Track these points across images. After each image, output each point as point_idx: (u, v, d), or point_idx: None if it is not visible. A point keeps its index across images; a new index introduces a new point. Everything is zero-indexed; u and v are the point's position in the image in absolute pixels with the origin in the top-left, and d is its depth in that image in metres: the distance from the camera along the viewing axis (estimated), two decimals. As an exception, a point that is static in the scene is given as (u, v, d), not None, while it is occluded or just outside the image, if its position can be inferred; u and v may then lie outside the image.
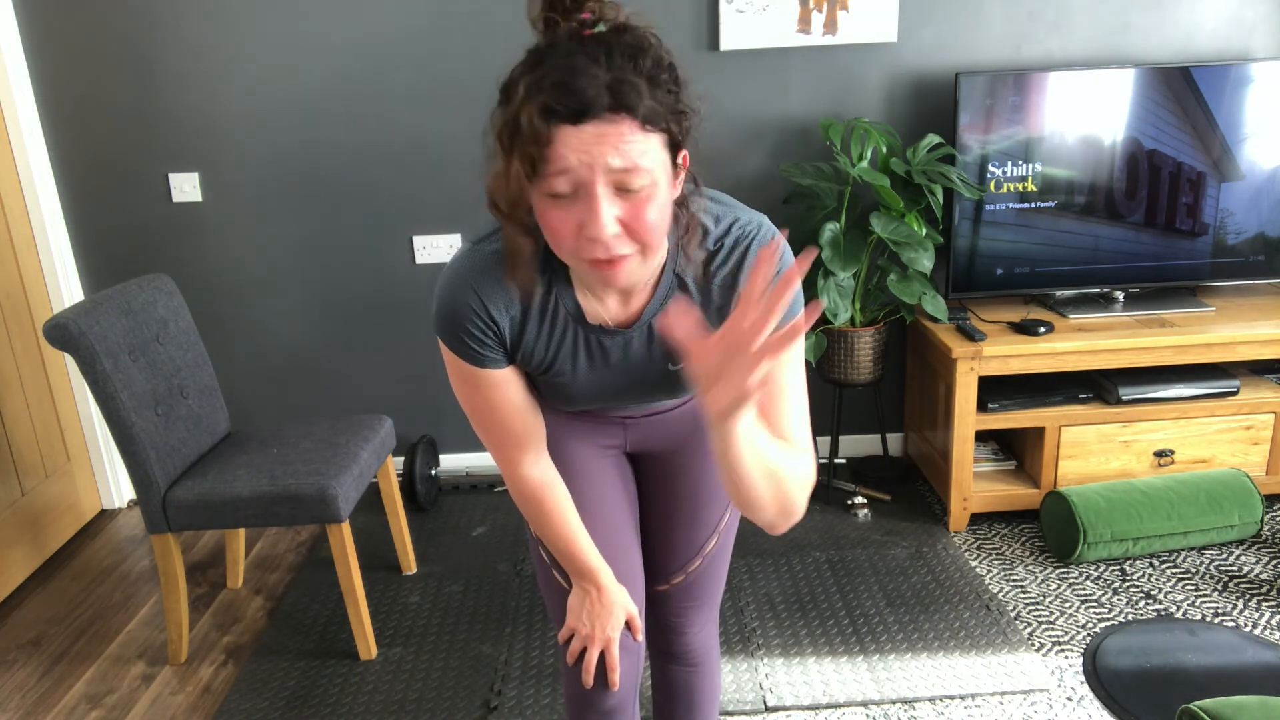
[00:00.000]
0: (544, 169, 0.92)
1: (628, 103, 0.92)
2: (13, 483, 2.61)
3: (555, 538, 1.30)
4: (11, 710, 2.10)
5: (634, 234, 0.97)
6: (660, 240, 1.01)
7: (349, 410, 3.04)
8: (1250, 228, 2.71)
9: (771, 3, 2.67)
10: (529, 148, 0.91)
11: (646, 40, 0.97)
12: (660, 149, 0.97)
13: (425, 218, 2.88)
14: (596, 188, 0.93)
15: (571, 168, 0.92)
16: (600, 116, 0.91)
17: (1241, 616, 2.22)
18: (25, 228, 2.74)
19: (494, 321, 1.11)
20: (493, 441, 1.24)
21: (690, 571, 1.46)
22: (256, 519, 2.11)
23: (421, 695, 2.08)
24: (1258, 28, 2.78)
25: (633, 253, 0.99)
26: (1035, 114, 2.61)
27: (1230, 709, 1.37)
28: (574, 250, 0.98)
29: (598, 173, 0.92)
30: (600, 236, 0.95)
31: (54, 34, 2.69)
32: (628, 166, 0.93)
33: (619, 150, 0.92)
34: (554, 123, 0.91)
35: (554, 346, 1.15)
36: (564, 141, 0.91)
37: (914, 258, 2.53)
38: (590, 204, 0.94)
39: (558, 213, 0.96)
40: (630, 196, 0.95)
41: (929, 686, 2.02)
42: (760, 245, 1.12)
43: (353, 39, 2.71)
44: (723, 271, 1.12)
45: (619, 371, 1.19)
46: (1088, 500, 2.41)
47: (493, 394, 1.18)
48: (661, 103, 0.95)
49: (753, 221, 1.14)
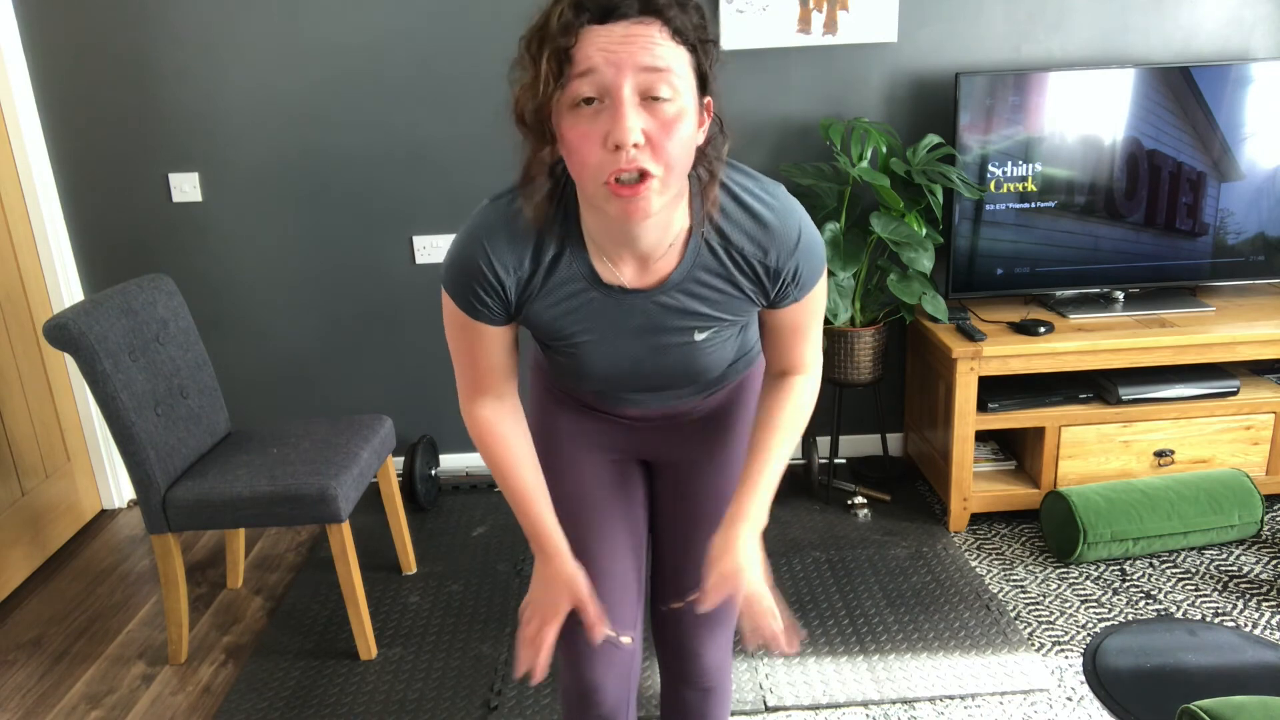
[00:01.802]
0: (569, 70, 0.92)
1: (657, 6, 0.92)
2: (13, 483, 2.61)
3: (507, 489, 1.27)
4: (11, 710, 2.10)
5: (657, 150, 0.94)
6: (684, 167, 0.99)
7: (349, 410, 3.04)
8: (1250, 228, 2.71)
9: (771, 3, 2.66)
10: (556, 43, 0.91)
11: None
12: (688, 69, 0.96)
13: (425, 218, 2.88)
14: (623, 91, 0.92)
15: (597, 66, 0.91)
16: (629, 17, 0.91)
17: (1241, 616, 2.22)
18: (25, 228, 2.74)
19: (500, 282, 1.10)
20: (460, 373, 1.24)
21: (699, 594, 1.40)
22: (256, 519, 2.11)
23: (421, 695, 2.08)
24: (1258, 28, 2.78)
25: (656, 173, 0.96)
26: (1035, 114, 2.61)
27: (1230, 709, 1.37)
28: (598, 166, 0.95)
29: (625, 72, 0.91)
30: (625, 140, 0.92)
31: (54, 34, 2.69)
32: (658, 66, 0.92)
33: (648, 50, 0.92)
34: (582, 20, 0.91)
35: (564, 308, 1.13)
36: (591, 40, 0.91)
37: (914, 258, 2.53)
38: (616, 108, 0.92)
39: (581, 125, 0.94)
40: (657, 108, 0.93)
41: (929, 686, 2.02)
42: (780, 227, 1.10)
43: (353, 39, 2.71)
44: (747, 241, 1.11)
45: (637, 341, 1.17)
46: (1088, 500, 2.41)
47: (478, 343, 1.18)
48: (691, 22, 0.95)
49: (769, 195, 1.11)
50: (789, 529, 2.71)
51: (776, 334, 1.24)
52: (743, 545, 1.19)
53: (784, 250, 1.11)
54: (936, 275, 2.85)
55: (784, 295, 1.16)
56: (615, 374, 1.21)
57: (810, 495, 2.89)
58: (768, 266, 1.12)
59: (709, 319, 1.16)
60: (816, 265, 1.16)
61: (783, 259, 1.12)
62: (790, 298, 1.17)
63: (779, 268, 1.12)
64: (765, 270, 1.12)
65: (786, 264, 1.12)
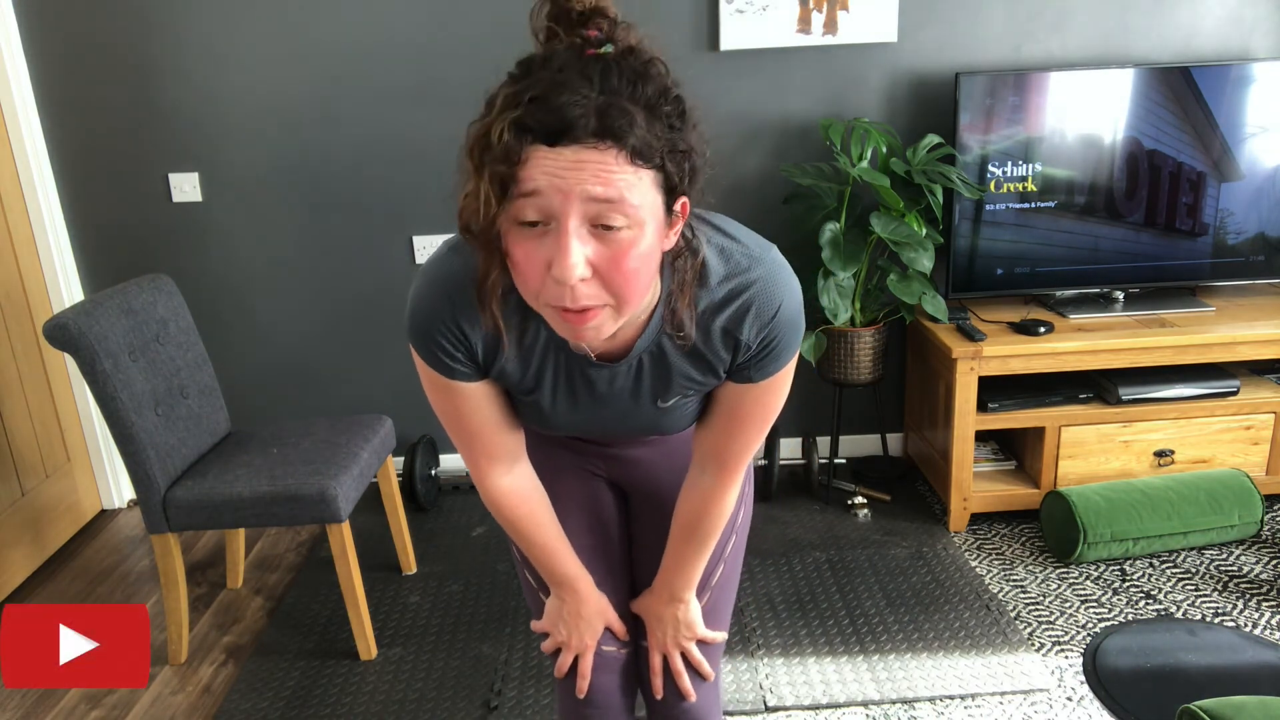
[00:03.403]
0: (513, 190, 0.82)
1: (616, 129, 0.81)
2: (13, 483, 2.61)
3: (530, 546, 1.24)
4: (11, 710, 2.10)
5: (607, 283, 0.86)
6: (639, 296, 0.90)
7: (349, 410, 3.04)
8: (1250, 228, 2.71)
9: (771, 3, 2.66)
10: (498, 166, 0.82)
11: (654, 67, 0.86)
12: (652, 189, 0.86)
13: (425, 218, 2.88)
14: (569, 220, 0.82)
15: (542, 191, 0.82)
16: (582, 140, 0.81)
17: (1241, 616, 2.22)
18: (25, 228, 2.74)
19: (465, 337, 1.01)
20: (462, 446, 1.16)
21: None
22: (256, 519, 2.11)
23: (421, 695, 2.08)
24: (1258, 28, 2.78)
25: (603, 305, 0.88)
26: (1035, 114, 2.61)
27: (1230, 709, 1.38)
28: (538, 292, 0.88)
29: (572, 201, 0.82)
30: (566, 278, 0.83)
31: (54, 34, 2.68)
32: (609, 197, 0.82)
33: (600, 178, 0.81)
34: (527, 141, 0.81)
35: (532, 372, 1.06)
36: (536, 163, 0.81)
37: (914, 258, 2.53)
38: (560, 238, 0.83)
39: (525, 245, 0.85)
40: (608, 237, 0.84)
41: (929, 686, 2.02)
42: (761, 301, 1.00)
43: (353, 39, 2.71)
44: (723, 316, 1.01)
45: (602, 404, 1.10)
46: (1087, 500, 2.41)
47: (463, 404, 1.09)
48: (659, 137, 0.84)
49: (755, 266, 1.01)
50: (789, 529, 2.71)
51: (720, 416, 1.13)
52: (669, 618, 1.29)
53: (758, 322, 1.01)
54: (936, 275, 2.84)
55: (743, 368, 1.05)
56: (580, 426, 1.16)
57: (810, 495, 2.89)
58: (736, 337, 1.02)
59: (671, 388, 1.09)
60: (787, 347, 1.04)
61: (754, 331, 1.01)
62: (747, 374, 1.06)
63: (749, 341, 1.02)
64: (734, 341, 1.03)
65: (757, 337, 1.02)
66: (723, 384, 1.10)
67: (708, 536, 1.22)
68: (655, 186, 0.86)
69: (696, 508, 1.21)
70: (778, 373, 1.07)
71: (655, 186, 0.86)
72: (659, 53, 0.88)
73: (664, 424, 1.15)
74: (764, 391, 1.08)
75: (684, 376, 1.07)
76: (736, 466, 1.17)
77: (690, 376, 1.07)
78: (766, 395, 1.09)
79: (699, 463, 1.20)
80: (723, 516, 1.21)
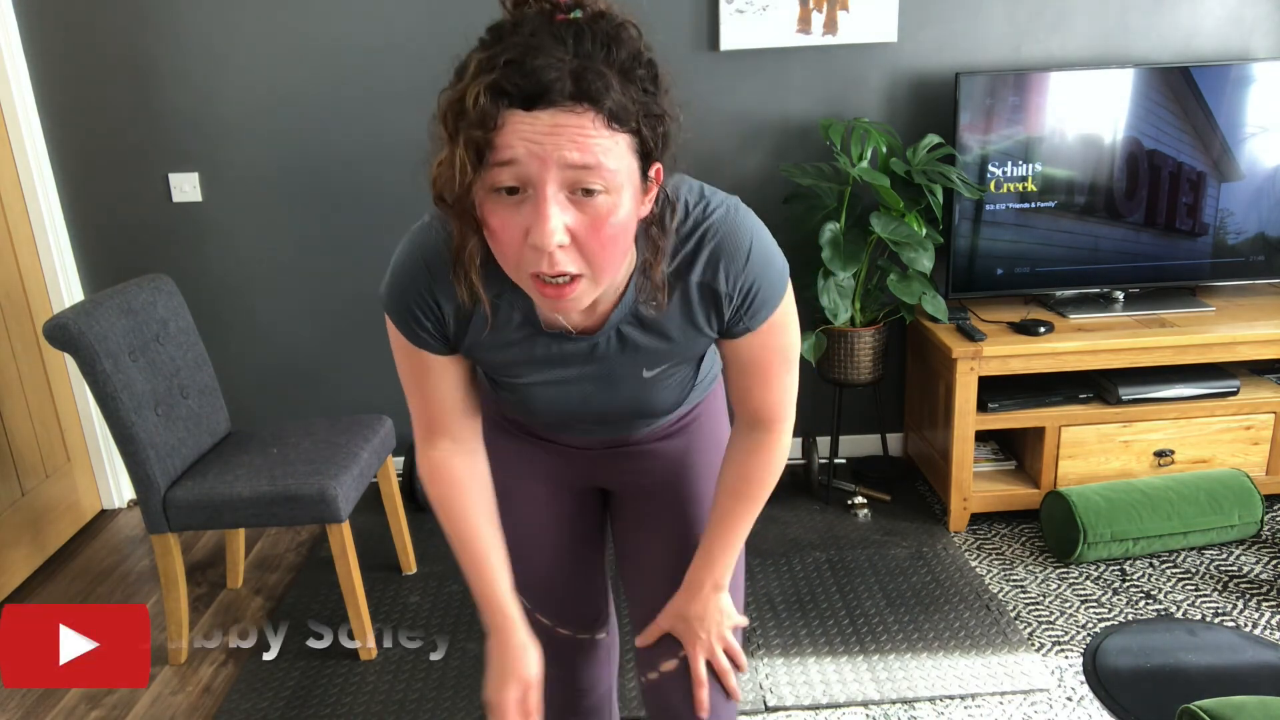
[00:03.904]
0: (489, 157, 0.81)
1: (592, 92, 0.80)
2: (13, 483, 2.61)
3: (458, 539, 1.17)
4: (11, 710, 2.10)
5: (585, 250, 0.85)
6: (616, 265, 0.89)
7: (349, 410, 3.03)
8: (1250, 228, 2.71)
9: (771, 3, 2.66)
10: (473, 131, 0.80)
11: (626, 31, 0.85)
12: (628, 153, 0.85)
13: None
14: (546, 186, 0.81)
15: (519, 158, 0.80)
16: (558, 104, 0.79)
17: (1241, 616, 2.22)
18: (25, 228, 2.74)
19: (438, 307, 1.00)
20: (414, 411, 1.14)
21: (682, 656, 1.22)
22: (256, 519, 2.11)
23: (421, 695, 2.08)
24: (1258, 28, 2.78)
25: (584, 274, 0.87)
26: (1035, 114, 2.61)
27: (1230, 709, 1.38)
28: (517, 262, 0.87)
29: (550, 167, 0.80)
30: (544, 244, 0.82)
31: (54, 34, 2.68)
32: (587, 163, 0.81)
33: (577, 143, 0.80)
34: (504, 105, 0.79)
35: (507, 350, 1.04)
36: (513, 128, 0.80)
37: (914, 258, 2.53)
38: (538, 205, 0.82)
39: (502, 213, 0.84)
40: (586, 204, 0.83)
41: (929, 686, 2.02)
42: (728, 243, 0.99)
43: (352, 38, 2.71)
44: (695, 270, 1.00)
45: (585, 381, 1.08)
46: (1087, 500, 2.41)
47: (424, 373, 1.09)
48: (634, 100, 0.83)
49: (715, 209, 1.00)
50: (789, 529, 2.71)
51: (736, 372, 1.11)
52: (712, 610, 1.19)
53: (732, 269, 0.99)
54: (936, 275, 2.84)
55: (736, 322, 1.03)
56: (564, 410, 1.12)
57: (810, 495, 2.89)
58: (715, 290, 1.00)
59: (657, 355, 1.06)
60: (771, 288, 1.02)
61: (731, 279, 1.00)
62: (743, 325, 1.04)
63: (729, 291, 1.00)
64: (713, 294, 1.01)
65: (736, 285, 1.00)
66: (725, 343, 1.08)
67: (755, 495, 1.18)
68: (631, 151, 0.85)
69: (744, 462, 1.17)
70: (771, 316, 1.04)
71: (631, 151, 0.85)
72: (630, 17, 0.86)
73: (653, 398, 1.12)
74: (768, 335, 1.06)
75: (666, 340, 1.05)
76: (778, 417, 1.14)
77: (673, 339, 1.05)
78: (771, 339, 1.06)
79: (739, 425, 1.18)
80: (771, 473, 1.17)
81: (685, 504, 1.27)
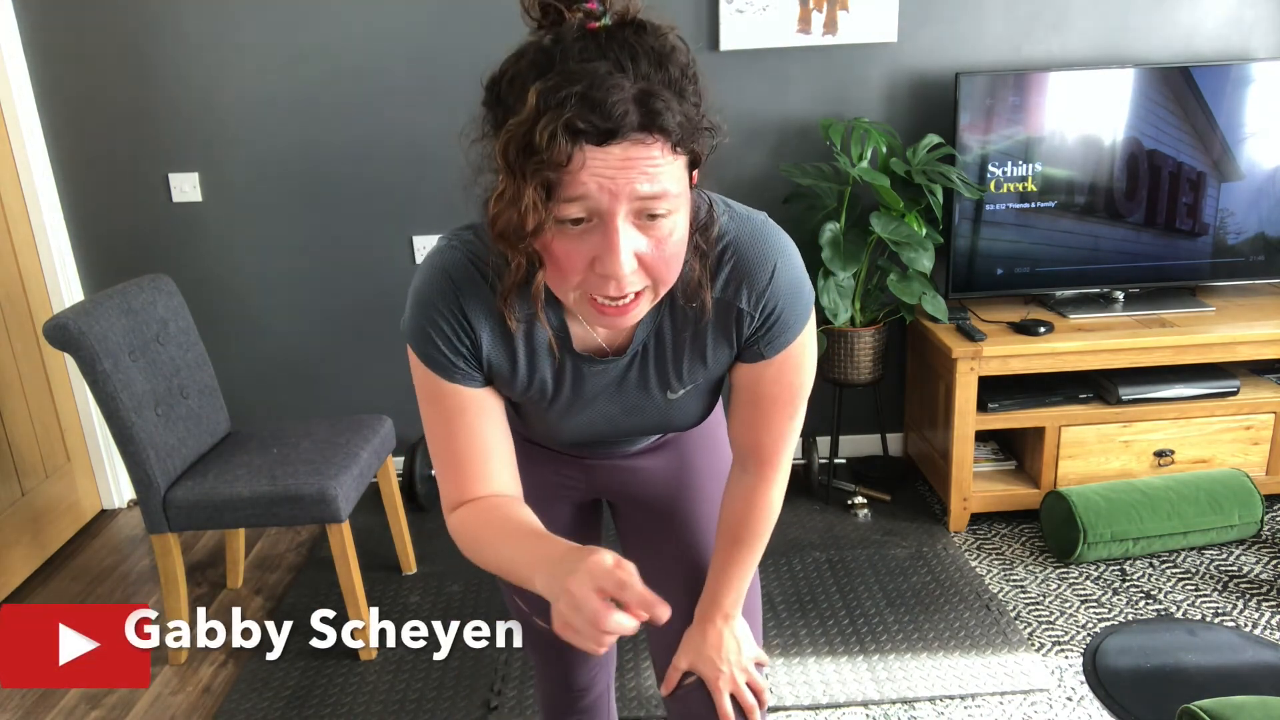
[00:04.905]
0: (557, 194, 0.79)
1: (661, 121, 0.79)
2: (13, 483, 2.61)
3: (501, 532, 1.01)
4: (11, 710, 2.10)
5: (651, 270, 0.85)
6: (677, 271, 0.89)
7: (349, 410, 3.03)
8: (1250, 228, 2.71)
9: (771, 3, 2.66)
10: (546, 172, 0.78)
11: (671, 42, 0.83)
12: (682, 170, 0.84)
13: (425, 217, 2.88)
14: (617, 219, 0.81)
15: (590, 194, 0.79)
16: (629, 137, 0.78)
17: (1241, 616, 2.22)
18: (25, 228, 2.74)
19: (471, 329, 0.96)
20: (445, 465, 1.03)
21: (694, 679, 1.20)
22: (256, 519, 2.11)
23: (421, 695, 2.08)
24: (1258, 28, 2.78)
25: (646, 289, 0.87)
26: (1035, 114, 2.61)
27: (1230, 709, 1.38)
28: (581, 286, 0.86)
29: (621, 200, 0.80)
30: (617, 273, 0.82)
31: (54, 34, 2.68)
32: (656, 193, 0.81)
33: (648, 174, 0.79)
34: (578, 143, 0.77)
35: (534, 371, 1.01)
36: (586, 165, 0.78)
37: (914, 258, 2.53)
38: (608, 236, 0.81)
39: (567, 243, 0.83)
40: (651, 227, 0.83)
41: (929, 686, 2.02)
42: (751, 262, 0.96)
43: (352, 38, 2.71)
44: (717, 285, 0.98)
45: (611, 403, 1.05)
46: (1088, 500, 2.41)
47: (460, 414, 1.00)
48: (688, 117, 0.82)
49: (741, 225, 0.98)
50: (789, 529, 2.71)
51: (742, 402, 1.07)
52: (727, 640, 1.20)
53: (755, 289, 0.97)
54: (936, 275, 2.84)
55: (751, 345, 1.01)
56: (589, 432, 1.10)
57: (810, 495, 2.89)
58: (737, 309, 0.98)
59: (681, 375, 1.04)
60: (794, 314, 0.99)
61: (753, 299, 0.97)
62: (757, 350, 1.01)
63: (750, 309, 0.98)
64: (733, 311, 0.98)
65: (758, 305, 0.98)
66: (737, 367, 1.05)
67: (754, 539, 1.16)
68: (685, 169, 0.85)
69: (739, 508, 1.15)
70: (788, 346, 1.01)
71: (685, 169, 0.85)
72: (670, 23, 0.85)
73: (674, 417, 1.10)
74: (780, 369, 1.03)
75: (689, 358, 1.03)
76: (775, 460, 1.11)
77: (694, 357, 1.03)
78: (784, 373, 1.03)
79: (738, 461, 1.15)
80: (767, 517, 1.15)
81: (688, 510, 1.27)
